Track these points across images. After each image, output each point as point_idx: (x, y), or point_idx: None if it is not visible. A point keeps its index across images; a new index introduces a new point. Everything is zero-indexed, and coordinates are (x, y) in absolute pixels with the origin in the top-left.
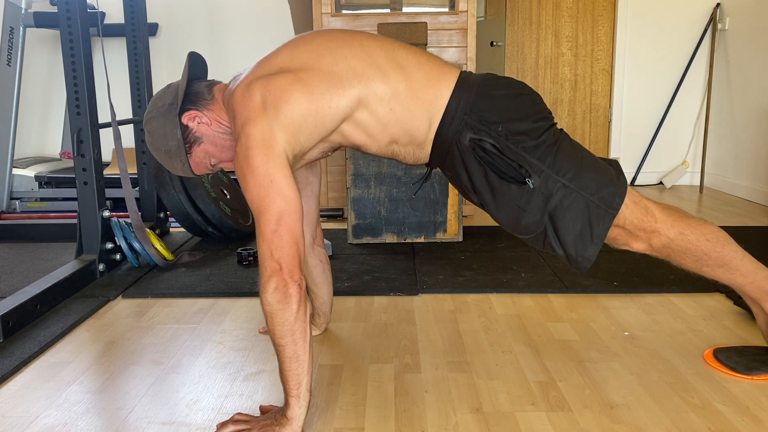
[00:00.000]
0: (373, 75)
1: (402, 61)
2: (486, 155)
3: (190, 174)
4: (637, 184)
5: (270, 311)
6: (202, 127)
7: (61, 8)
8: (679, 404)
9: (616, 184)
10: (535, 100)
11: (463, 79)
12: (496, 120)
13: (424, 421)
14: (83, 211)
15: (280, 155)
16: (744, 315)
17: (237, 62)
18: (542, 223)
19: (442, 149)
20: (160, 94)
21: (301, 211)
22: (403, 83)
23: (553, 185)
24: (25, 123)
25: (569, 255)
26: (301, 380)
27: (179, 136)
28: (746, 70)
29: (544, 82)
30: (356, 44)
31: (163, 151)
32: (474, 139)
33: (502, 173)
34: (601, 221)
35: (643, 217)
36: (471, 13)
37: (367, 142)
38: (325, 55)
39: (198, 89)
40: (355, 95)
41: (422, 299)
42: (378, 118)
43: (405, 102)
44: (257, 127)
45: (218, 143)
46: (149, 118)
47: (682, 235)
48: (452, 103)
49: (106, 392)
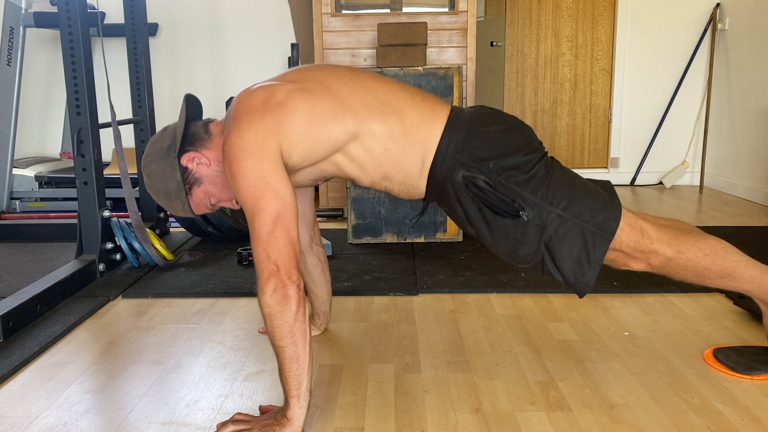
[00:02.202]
0: (373, 116)
1: (399, 103)
2: (479, 192)
3: (190, 214)
4: (637, 184)
5: (269, 313)
6: (202, 167)
7: (61, 8)
8: (679, 404)
9: (610, 208)
10: (525, 132)
11: (454, 116)
12: (487, 156)
13: (424, 421)
14: (83, 211)
15: (273, 157)
16: (744, 315)
17: (237, 62)
18: (539, 252)
19: (436, 186)
20: (158, 137)
21: (296, 211)
22: (399, 125)
23: (547, 216)
24: (25, 123)
25: (568, 281)
26: (301, 381)
27: (179, 178)
28: (746, 70)
29: (544, 82)
30: (361, 84)
31: (162, 193)
32: (466, 176)
33: (496, 208)
34: (598, 246)
35: (639, 239)
36: (471, 13)
37: (361, 176)
38: (334, 83)
39: (195, 130)
40: (353, 129)
41: (422, 299)
42: (373, 156)
43: (399, 142)
44: (251, 128)
45: (218, 182)
46: (148, 161)
47: (680, 254)
48: (443, 141)
49: (106, 392)
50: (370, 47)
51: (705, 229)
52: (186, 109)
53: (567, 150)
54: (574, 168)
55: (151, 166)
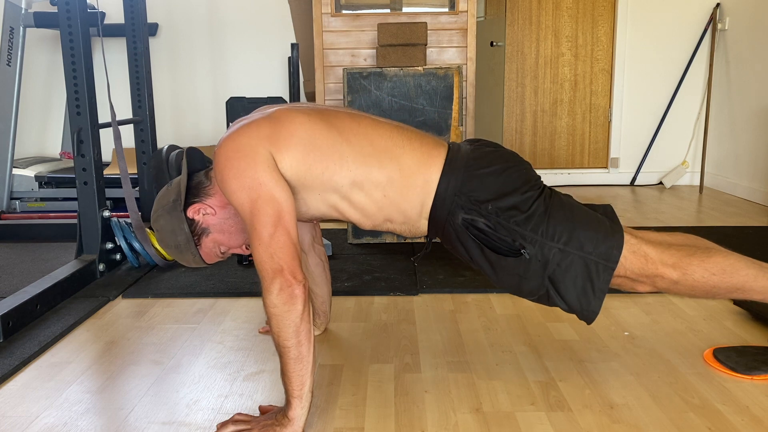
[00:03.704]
0: (371, 163)
1: (397, 149)
2: (480, 233)
3: (202, 264)
4: (637, 184)
5: (275, 313)
6: (208, 217)
7: (61, 8)
8: (679, 404)
9: (612, 237)
10: (523, 170)
11: (451, 158)
12: (485, 198)
13: (424, 421)
14: (83, 211)
15: (266, 159)
16: (744, 315)
17: (237, 62)
18: (543, 286)
19: (437, 227)
20: (163, 192)
21: (294, 211)
22: (398, 172)
23: (549, 251)
24: (25, 123)
25: (574, 310)
26: (304, 381)
27: (187, 231)
28: (746, 70)
29: (544, 82)
30: (360, 131)
31: (173, 246)
32: (466, 219)
33: (498, 249)
34: (602, 276)
35: (643, 265)
36: (471, 13)
37: (362, 220)
38: (333, 121)
39: (198, 180)
40: (352, 176)
41: (422, 299)
42: (373, 201)
43: (398, 188)
44: (246, 133)
45: (226, 229)
46: (156, 216)
47: (685, 276)
48: (441, 185)
49: (106, 392)
50: (370, 47)
51: (705, 229)
52: (188, 162)
53: (567, 150)
54: (575, 168)
55: (160, 222)
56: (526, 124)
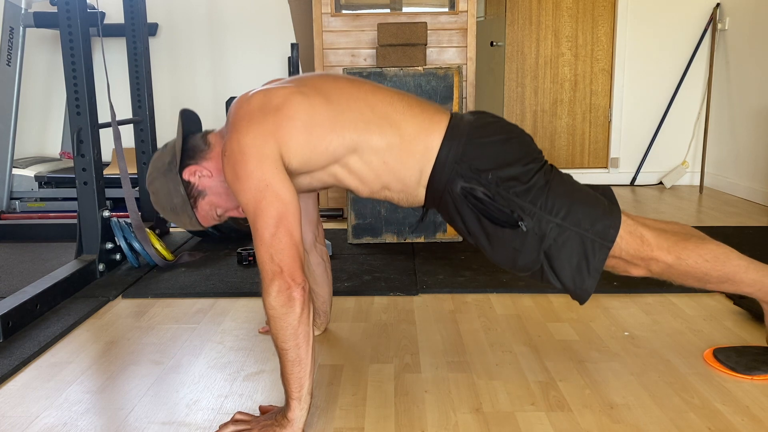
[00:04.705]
0: (371, 129)
1: (398, 115)
2: (478, 203)
3: (198, 227)
4: (637, 184)
5: (273, 315)
6: (204, 179)
7: (61, 8)
8: (679, 404)
9: (610, 216)
10: (524, 142)
11: (453, 126)
12: (486, 167)
13: (424, 421)
14: (83, 211)
15: (273, 158)
16: (744, 315)
17: (237, 62)
18: (538, 261)
19: (435, 196)
20: (158, 154)
21: (299, 213)
22: (398, 137)
23: (546, 225)
24: (25, 123)
25: (568, 288)
26: (303, 383)
27: (183, 193)
28: (746, 70)
29: (544, 82)
30: (360, 96)
31: (169, 209)
32: (465, 187)
33: (495, 219)
34: (597, 254)
35: (639, 246)
36: (471, 13)
37: (360, 187)
38: (332, 94)
39: (194, 142)
40: (350, 143)
41: (422, 299)
42: (371, 168)
43: (398, 155)
44: (250, 131)
45: (222, 192)
46: (151, 179)
47: (680, 260)
48: (442, 152)
49: (106, 392)
50: (370, 47)
51: (705, 229)
52: (183, 124)
53: (567, 150)
54: (575, 168)
55: (155, 184)
56: (526, 124)
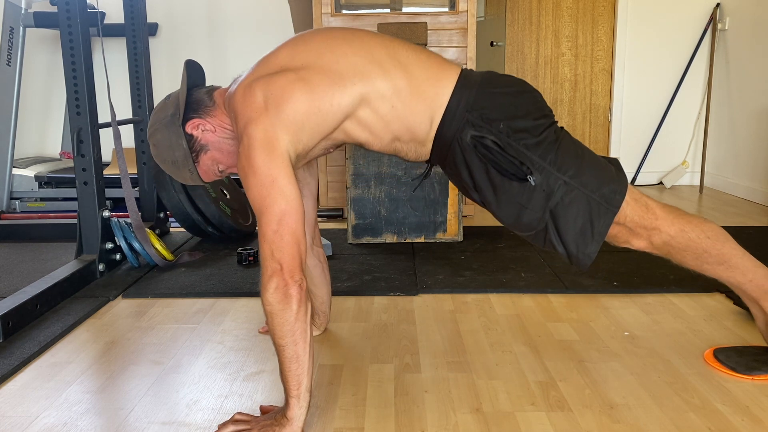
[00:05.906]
0: (375, 72)
1: (403, 58)
2: (487, 152)
3: (199, 182)
4: (637, 184)
5: (270, 311)
6: (207, 134)
7: (61, 8)
8: (679, 404)
9: (617, 181)
10: (536, 97)
11: (465, 76)
12: (497, 117)
13: (424, 421)
14: (83, 211)
15: (282, 155)
16: (744, 315)
17: (237, 62)
18: (543, 220)
19: (443, 146)
20: (161, 105)
21: (302, 211)
22: (405, 80)
23: (555, 182)
24: (25, 123)
25: (570, 252)
26: (301, 381)
27: (185, 146)
28: (746, 70)
29: (544, 82)
30: (357, 42)
31: (170, 162)
32: (475, 136)
33: (504, 170)
34: (603, 218)
35: (644, 214)
36: (471, 13)
37: (370, 139)
38: (326, 53)
39: (198, 96)
40: (357, 92)
41: (422, 299)
42: (380, 116)
43: (406, 99)
44: (259, 127)
45: (224, 149)
46: (153, 131)
47: (682, 233)
48: (453, 100)
49: (106, 392)
50: None
51: None
52: (187, 76)
53: None
54: None
55: (157, 136)
56: None
